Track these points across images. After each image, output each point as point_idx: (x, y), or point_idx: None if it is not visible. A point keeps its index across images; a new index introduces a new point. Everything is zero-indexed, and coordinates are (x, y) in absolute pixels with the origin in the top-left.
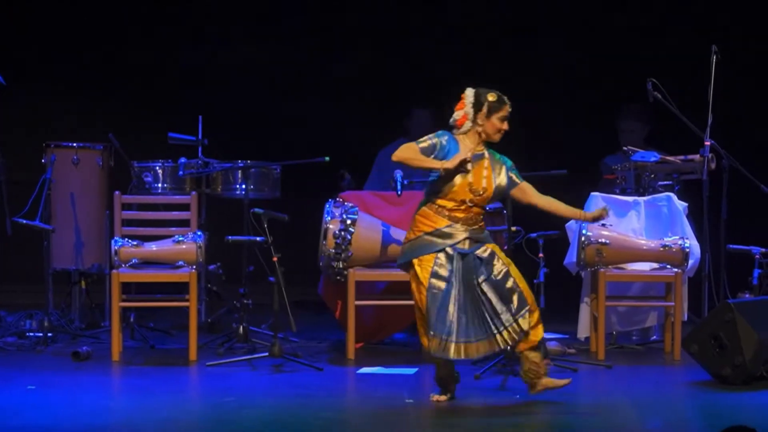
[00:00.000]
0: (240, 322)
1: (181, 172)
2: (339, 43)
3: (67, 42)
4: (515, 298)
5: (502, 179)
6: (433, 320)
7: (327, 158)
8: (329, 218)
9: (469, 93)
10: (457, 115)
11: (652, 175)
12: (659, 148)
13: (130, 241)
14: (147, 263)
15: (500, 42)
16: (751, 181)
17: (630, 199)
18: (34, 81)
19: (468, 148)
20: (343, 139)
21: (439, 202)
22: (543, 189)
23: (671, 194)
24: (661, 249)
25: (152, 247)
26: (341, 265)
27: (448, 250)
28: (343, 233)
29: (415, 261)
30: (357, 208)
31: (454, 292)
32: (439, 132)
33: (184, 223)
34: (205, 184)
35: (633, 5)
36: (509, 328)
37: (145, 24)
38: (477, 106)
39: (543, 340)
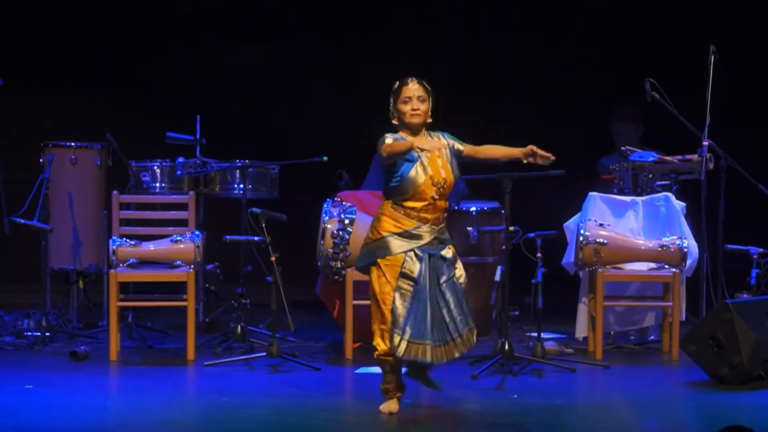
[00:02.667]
0: (238, 321)
1: (179, 172)
2: (338, 43)
3: (66, 42)
4: (467, 308)
5: (452, 159)
6: (402, 321)
7: (325, 158)
8: (327, 218)
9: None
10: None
11: (650, 175)
12: (657, 148)
13: (127, 240)
14: (145, 263)
15: (500, 42)
16: (749, 181)
17: (628, 199)
18: (32, 80)
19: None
20: (341, 139)
21: (407, 204)
22: (541, 189)
23: (669, 194)
24: (659, 249)
25: (150, 247)
26: (339, 265)
27: (417, 251)
28: (341, 233)
29: (381, 261)
30: (355, 208)
31: (424, 294)
32: (387, 135)
33: (182, 223)
34: (203, 184)
35: (632, 5)
36: (463, 337)
37: (144, 24)
38: (391, 99)
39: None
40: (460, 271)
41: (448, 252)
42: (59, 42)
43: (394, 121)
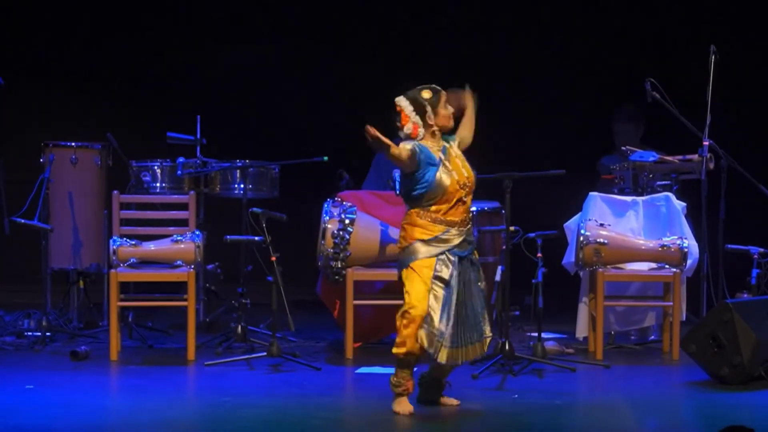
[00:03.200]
0: (238, 321)
1: (179, 172)
2: (338, 43)
3: (66, 41)
4: (487, 315)
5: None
6: (438, 325)
7: (326, 158)
8: (328, 218)
9: (404, 102)
10: (407, 129)
11: (651, 175)
12: (657, 147)
13: (128, 240)
14: (145, 263)
15: (499, 41)
16: (749, 181)
17: (628, 198)
18: (32, 80)
19: (434, 149)
20: (341, 139)
21: (434, 208)
22: (542, 189)
23: (670, 194)
24: (660, 249)
25: (150, 247)
26: (339, 265)
27: (449, 254)
28: (341, 233)
29: (413, 264)
30: (355, 208)
31: (453, 298)
32: (405, 143)
33: (183, 223)
34: (204, 184)
35: (632, 5)
36: (483, 340)
37: (144, 24)
38: (419, 109)
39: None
40: (481, 275)
41: (475, 254)
42: (59, 42)
43: (415, 135)
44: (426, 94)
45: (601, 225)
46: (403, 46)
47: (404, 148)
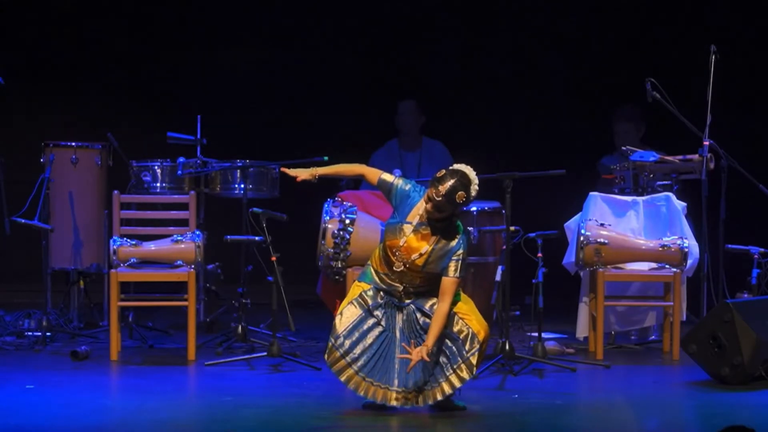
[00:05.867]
0: (238, 321)
1: (179, 172)
2: (338, 43)
3: (66, 41)
4: (467, 338)
5: (438, 264)
6: (341, 334)
7: (326, 158)
8: (328, 218)
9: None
10: None
11: (651, 175)
12: (658, 147)
13: (128, 240)
14: (145, 263)
15: (499, 41)
16: (749, 180)
17: (629, 198)
18: (32, 80)
19: (419, 216)
20: (341, 139)
21: (383, 247)
22: (542, 189)
23: (670, 194)
24: (660, 249)
25: (151, 247)
26: (340, 265)
27: (382, 294)
28: (341, 233)
29: (356, 282)
30: (356, 208)
31: (388, 338)
32: (412, 183)
33: (183, 223)
34: (204, 184)
35: (632, 4)
36: (456, 371)
37: (144, 23)
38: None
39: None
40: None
41: (425, 303)
42: (59, 42)
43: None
44: (438, 174)
45: (602, 225)
46: (404, 45)
47: (373, 171)
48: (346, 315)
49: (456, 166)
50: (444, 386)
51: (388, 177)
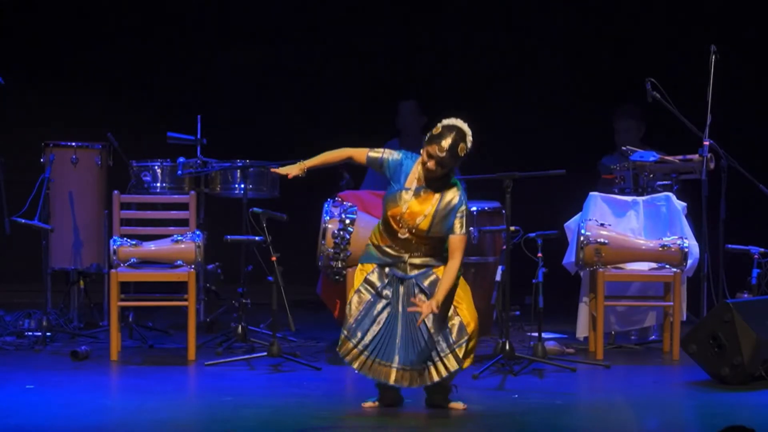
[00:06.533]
0: (239, 321)
1: (179, 172)
2: (338, 43)
3: (66, 41)
4: (455, 328)
5: (443, 219)
6: (353, 323)
7: None
8: (328, 218)
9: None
10: None
11: (651, 175)
12: (658, 147)
13: (128, 240)
14: (145, 263)
15: (499, 40)
16: (750, 180)
17: (629, 198)
18: (32, 80)
19: (417, 180)
20: (341, 139)
21: (386, 223)
22: (542, 188)
23: (670, 194)
24: (660, 249)
25: (151, 247)
26: (340, 265)
27: (386, 269)
28: (341, 233)
29: (359, 266)
30: (356, 208)
31: (392, 315)
32: (402, 151)
33: (183, 223)
34: (204, 184)
35: (632, 4)
36: (444, 359)
37: (143, 23)
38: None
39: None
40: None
41: (426, 278)
42: (60, 42)
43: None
44: (435, 130)
45: (602, 225)
46: (404, 45)
47: (359, 150)
48: (355, 304)
49: (448, 122)
50: (439, 367)
51: (375, 152)
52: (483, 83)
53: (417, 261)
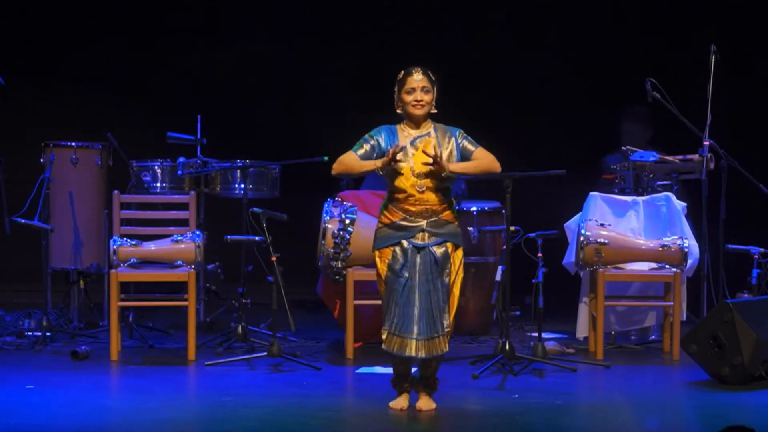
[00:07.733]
0: (239, 321)
1: (179, 172)
2: (338, 43)
3: (66, 41)
4: (450, 312)
5: (451, 153)
6: (392, 316)
7: (326, 158)
8: (328, 218)
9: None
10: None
11: (651, 175)
12: (658, 147)
13: (128, 240)
14: (146, 263)
15: (500, 40)
16: (750, 181)
17: (629, 198)
18: (32, 80)
19: (407, 135)
20: (341, 139)
21: (394, 196)
22: (542, 188)
23: (670, 194)
24: (660, 249)
25: (151, 247)
26: (340, 265)
27: (404, 242)
28: (341, 233)
29: (377, 253)
30: (356, 208)
31: (409, 287)
32: (374, 130)
33: (183, 223)
34: (204, 184)
35: (632, 4)
36: (441, 336)
37: (143, 23)
38: (395, 88)
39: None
40: (447, 273)
41: (439, 249)
42: (60, 42)
43: (399, 111)
44: (399, 75)
45: (602, 225)
46: (404, 45)
47: (359, 152)
48: (386, 298)
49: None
50: (442, 341)
51: (362, 149)
52: (483, 83)
53: (433, 228)
